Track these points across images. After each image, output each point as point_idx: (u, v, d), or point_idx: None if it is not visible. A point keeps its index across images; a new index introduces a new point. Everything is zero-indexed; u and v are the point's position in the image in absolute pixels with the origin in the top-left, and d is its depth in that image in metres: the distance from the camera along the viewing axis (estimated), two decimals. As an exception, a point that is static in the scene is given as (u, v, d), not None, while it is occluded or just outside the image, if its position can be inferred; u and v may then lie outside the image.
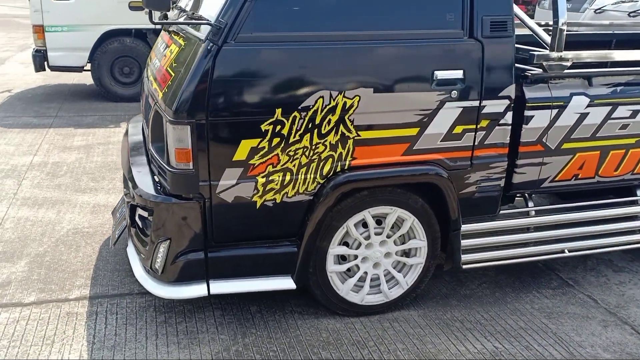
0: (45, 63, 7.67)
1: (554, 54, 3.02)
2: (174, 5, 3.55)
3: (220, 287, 2.88)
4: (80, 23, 7.48)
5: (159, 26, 4.72)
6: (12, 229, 4.11)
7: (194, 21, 2.62)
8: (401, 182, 2.98)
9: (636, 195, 3.54)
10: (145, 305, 3.23)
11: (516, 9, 3.53)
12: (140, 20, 7.38)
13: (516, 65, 3.16)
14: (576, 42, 4.12)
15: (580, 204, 3.45)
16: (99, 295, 3.32)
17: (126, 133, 3.75)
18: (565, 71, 3.09)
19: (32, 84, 8.97)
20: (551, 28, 3.06)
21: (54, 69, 7.77)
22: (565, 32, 3.00)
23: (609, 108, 3.20)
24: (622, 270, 3.83)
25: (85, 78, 8.88)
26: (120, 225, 3.37)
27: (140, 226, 3.03)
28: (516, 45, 3.29)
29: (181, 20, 3.05)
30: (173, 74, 2.80)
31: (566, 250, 3.40)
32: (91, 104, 7.81)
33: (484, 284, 3.59)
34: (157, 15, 2.46)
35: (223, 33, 2.59)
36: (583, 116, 3.16)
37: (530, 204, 3.38)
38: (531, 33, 3.44)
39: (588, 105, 3.15)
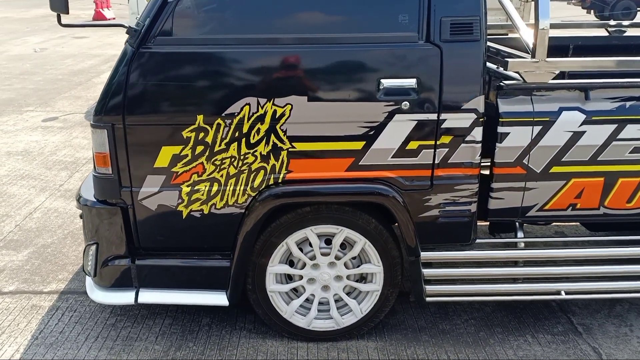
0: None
1: (533, 61, 2.56)
2: None
3: (149, 296, 2.80)
4: None
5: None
6: (38, 218, 4.35)
7: (104, 23, 2.56)
8: (343, 200, 2.69)
9: None
10: (105, 306, 3.24)
11: (510, 6, 3.08)
12: None
13: (498, 72, 2.76)
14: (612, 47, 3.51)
15: (582, 239, 2.93)
16: (70, 291, 3.39)
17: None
18: (551, 81, 2.62)
19: (141, 82, 9.54)
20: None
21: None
22: (548, 36, 2.53)
23: (613, 127, 2.66)
24: (656, 321, 3.19)
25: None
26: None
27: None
28: (504, 49, 2.88)
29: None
30: None
31: (563, 292, 2.89)
32: (180, 102, 8.13)
33: (471, 320, 3.17)
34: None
35: (139, 36, 2.50)
36: (577, 135, 2.66)
37: (520, 234, 2.93)
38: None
39: (584, 123, 2.65)
